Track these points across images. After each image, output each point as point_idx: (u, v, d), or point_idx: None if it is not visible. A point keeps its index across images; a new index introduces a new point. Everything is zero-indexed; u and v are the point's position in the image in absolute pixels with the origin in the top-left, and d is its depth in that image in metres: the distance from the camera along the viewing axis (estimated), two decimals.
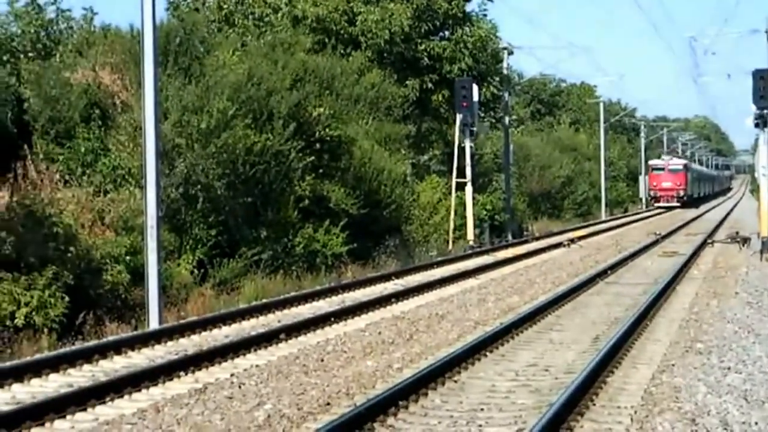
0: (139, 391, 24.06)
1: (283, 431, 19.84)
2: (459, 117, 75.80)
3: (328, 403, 21.94)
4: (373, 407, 20.77)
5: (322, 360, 27.90)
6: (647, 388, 23.98)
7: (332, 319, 35.61)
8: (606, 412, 21.72)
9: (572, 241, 76.05)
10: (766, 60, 57.48)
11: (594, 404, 22.03)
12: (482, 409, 21.80)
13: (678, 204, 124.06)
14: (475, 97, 74.94)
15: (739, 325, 34.89)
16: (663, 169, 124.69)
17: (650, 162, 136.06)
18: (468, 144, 76.39)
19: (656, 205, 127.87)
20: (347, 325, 34.53)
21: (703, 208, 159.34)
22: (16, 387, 24.66)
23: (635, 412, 21.55)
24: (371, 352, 28.74)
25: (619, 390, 23.79)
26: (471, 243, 72.62)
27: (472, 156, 77.17)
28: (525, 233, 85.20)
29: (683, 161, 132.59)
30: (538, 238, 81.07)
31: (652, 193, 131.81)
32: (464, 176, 75.77)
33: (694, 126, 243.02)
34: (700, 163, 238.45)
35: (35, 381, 25.32)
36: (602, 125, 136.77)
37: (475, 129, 77.74)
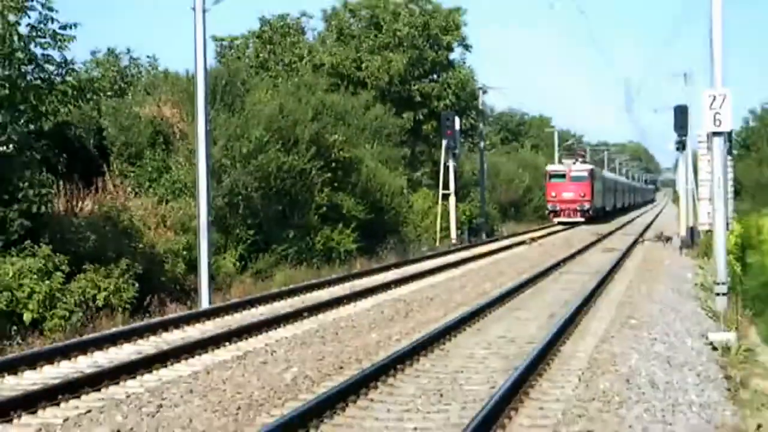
0: (193, 357, 24.52)
1: (306, 389, 20.17)
2: (444, 142, 77.28)
3: (341, 367, 22.36)
4: (376, 370, 21.19)
5: (337, 333, 28.22)
6: (592, 355, 24.41)
7: (345, 300, 35.86)
8: (560, 373, 22.14)
9: (533, 239, 75.81)
10: (685, 98, 57.64)
11: (550, 368, 22.46)
12: (462, 372, 22.28)
13: (582, 219, 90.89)
14: (457, 127, 77.52)
15: (663, 305, 35.28)
16: (564, 175, 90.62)
17: (548, 167, 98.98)
18: (451, 163, 77.74)
19: (556, 220, 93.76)
20: (356, 306, 34.74)
21: (633, 214, 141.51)
22: (98, 354, 25.05)
23: (582, 374, 22.01)
24: (375, 327, 29.05)
25: (570, 356, 24.22)
26: (454, 241, 73.34)
27: (455, 173, 77.97)
28: (495, 233, 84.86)
29: (589, 166, 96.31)
30: (506, 237, 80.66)
31: (550, 206, 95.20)
32: (448, 189, 77.07)
33: (628, 149, 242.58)
34: (633, 179, 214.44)
35: (112, 349, 25.68)
36: (556, 148, 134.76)
37: (457, 152, 79.20)
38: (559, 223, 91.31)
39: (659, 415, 18.29)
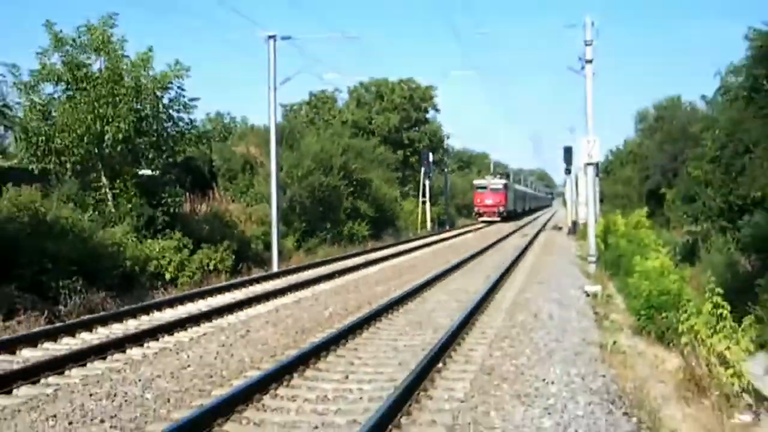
0: (268, 301, 24.36)
1: (338, 321, 20.22)
2: (423, 169, 77.92)
3: (359, 307, 22.38)
4: (381, 310, 21.32)
5: (356, 287, 28.17)
6: (513, 300, 24.46)
7: (361, 267, 35.55)
8: (493, 311, 22.18)
9: (478, 230, 76.01)
10: (571, 141, 57.83)
11: (487, 308, 22.49)
12: (434, 310, 22.29)
13: (499, 219, 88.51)
14: (431, 159, 77.82)
15: (557, 269, 35.32)
16: (486, 187, 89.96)
17: (474, 181, 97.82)
18: (427, 182, 77.53)
19: (480, 220, 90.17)
20: (368, 270, 34.58)
21: (538, 214, 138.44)
22: (210, 299, 24.96)
23: (506, 311, 22.06)
24: (380, 283, 29.04)
25: (498, 301, 24.24)
26: (429, 230, 72.93)
27: (429, 188, 77.87)
28: (454, 226, 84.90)
29: (504, 181, 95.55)
30: (460, 228, 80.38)
31: (476, 209, 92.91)
32: (425, 197, 76.88)
33: (536, 173, 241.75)
34: (538, 191, 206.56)
35: (219, 296, 25.56)
36: (491, 171, 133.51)
37: (431, 175, 79.60)
38: (482, 222, 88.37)
39: (554, 335, 18.41)
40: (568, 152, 54.79)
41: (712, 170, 45.81)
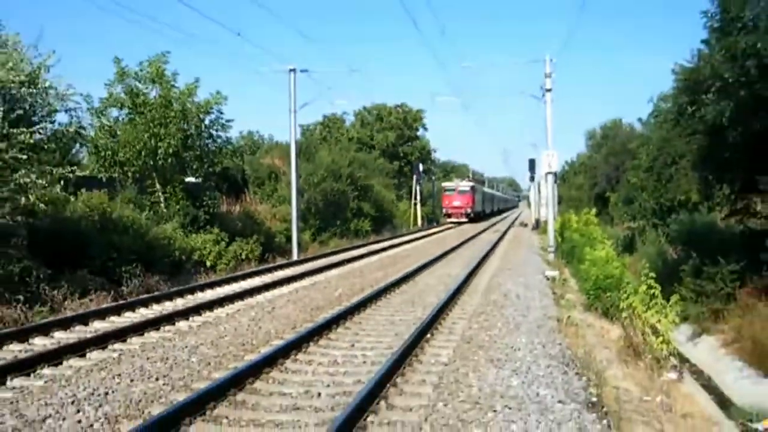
0: (289, 284, 24.13)
1: (346, 300, 20.10)
2: (415, 177, 77.70)
3: (363, 289, 22.21)
4: (380, 291, 21.20)
5: (360, 272, 28.05)
6: (487, 283, 24.30)
7: (364, 256, 35.34)
8: (471, 292, 22.06)
9: (458, 226, 75.74)
10: (534, 154, 58.01)
11: (467, 289, 22.33)
12: (423, 291, 22.14)
13: (466, 220, 77.04)
14: (421, 169, 77.19)
15: (523, 258, 35.16)
16: (454, 190, 78.60)
17: (443, 184, 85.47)
18: (418, 188, 77.40)
19: (448, 221, 78.69)
20: (370, 259, 34.36)
21: (507, 214, 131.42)
22: (242, 282, 24.73)
23: (482, 292, 21.96)
24: (379, 269, 28.89)
25: (476, 284, 24.02)
26: (419, 227, 72.51)
27: (420, 192, 77.89)
28: (439, 223, 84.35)
29: (471, 184, 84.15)
30: (445, 225, 79.97)
31: (444, 210, 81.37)
32: (417, 200, 76.84)
33: (507, 180, 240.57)
34: (507, 194, 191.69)
35: (249, 280, 25.24)
36: (470, 178, 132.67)
37: (421, 182, 79.45)
38: (450, 222, 76.26)
39: (521, 311, 18.37)
40: (532, 163, 54.76)
41: (646, 178, 46.39)
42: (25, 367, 12.12)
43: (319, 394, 10.81)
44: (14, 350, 13.87)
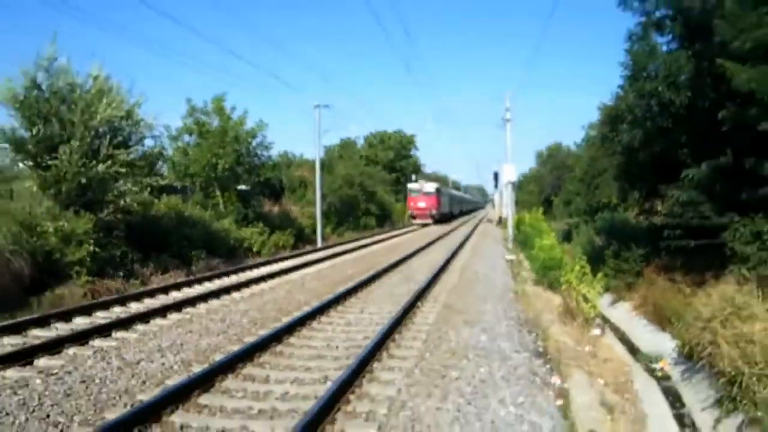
0: (315, 265, 23.96)
1: (357, 278, 19.91)
2: (409, 184, 76.45)
3: (369, 269, 22.00)
4: (382, 270, 21.10)
5: (368, 257, 27.95)
6: (462, 265, 24.19)
7: (371, 244, 35.15)
8: (450, 272, 21.94)
9: (444, 223, 75.17)
10: (497, 167, 58.11)
11: (446, 271, 22.20)
12: (415, 271, 21.99)
13: (431, 221, 63.28)
14: (413, 179, 75.62)
15: (489, 246, 35.07)
16: (419, 191, 64.32)
17: (408, 185, 68.77)
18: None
19: (413, 222, 64.45)
20: (375, 246, 34.23)
21: (475, 214, 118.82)
22: (281, 264, 24.65)
23: (459, 272, 21.91)
24: (383, 254, 28.79)
25: (454, 265, 23.90)
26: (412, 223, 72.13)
27: None
28: (404, 224, 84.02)
29: (436, 185, 68.62)
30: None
31: (410, 212, 66.11)
32: None
33: (477, 187, 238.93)
34: (475, 197, 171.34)
35: (284, 263, 25.11)
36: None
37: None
38: (415, 224, 61.57)
39: (488, 287, 18.39)
40: (496, 175, 54.31)
41: (580, 186, 46.86)
42: (125, 324, 12.28)
43: (337, 347, 10.87)
44: (117, 312, 14.00)
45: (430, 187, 63.37)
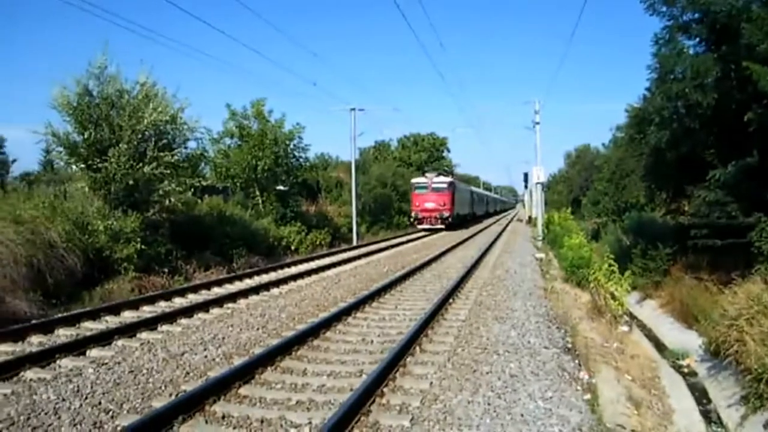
0: (351, 263, 24.09)
1: (391, 274, 20.03)
2: None
3: (403, 267, 22.08)
4: (416, 268, 21.08)
5: (401, 254, 28.01)
6: (493, 262, 24.06)
7: (404, 243, 35.15)
8: (482, 269, 21.82)
9: (475, 223, 74.39)
10: (527, 168, 57.85)
11: (478, 267, 22.07)
12: (447, 268, 21.99)
13: (442, 226, 44.88)
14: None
15: (519, 243, 34.82)
16: (426, 187, 45.42)
17: (412, 180, 49.28)
18: None
19: (420, 227, 45.06)
20: (408, 244, 34.21)
21: (505, 214, 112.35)
22: (318, 261, 24.76)
23: (490, 269, 21.80)
24: (415, 252, 28.84)
25: (485, 263, 23.76)
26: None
27: None
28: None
29: (449, 179, 48.57)
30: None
31: (414, 213, 45.87)
32: None
33: (508, 187, 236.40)
34: (506, 197, 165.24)
35: (321, 260, 25.23)
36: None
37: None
38: (422, 230, 44.92)
39: (517, 283, 18.27)
40: (526, 176, 53.80)
41: (607, 186, 46.39)
42: (170, 318, 12.47)
43: (372, 341, 10.90)
44: (162, 306, 14.21)
45: (442, 181, 47.31)
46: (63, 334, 11.36)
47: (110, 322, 12.48)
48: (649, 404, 9.57)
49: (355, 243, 36.49)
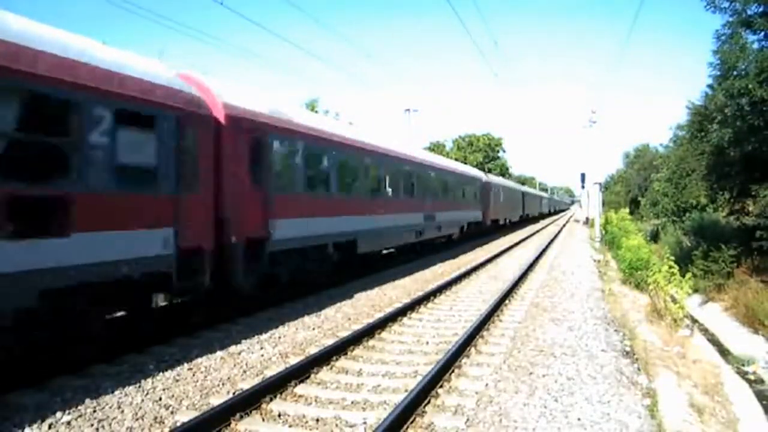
0: (403, 264, 24.10)
1: (447, 275, 19.92)
2: None
3: (459, 268, 21.92)
4: (471, 270, 20.88)
5: (456, 256, 28.01)
6: (550, 263, 23.81)
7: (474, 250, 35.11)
8: (539, 270, 21.67)
9: (530, 223, 73.66)
10: (584, 169, 56.82)
11: (535, 268, 21.91)
12: (503, 269, 21.81)
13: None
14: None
15: (576, 245, 34.31)
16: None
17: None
18: None
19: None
20: (464, 245, 34.23)
21: (563, 214, 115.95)
22: None
23: (546, 270, 21.55)
24: (470, 253, 28.64)
25: (542, 264, 23.56)
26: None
27: None
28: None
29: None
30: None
31: None
32: None
33: (564, 188, 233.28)
34: (563, 198, 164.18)
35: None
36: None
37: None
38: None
39: (575, 284, 17.96)
40: (583, 175, 53.03)
41: (667, 186, 45.44)
42: (229, 319, 12.53)
43: (427, 342, 10.83)
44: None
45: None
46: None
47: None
48: (712, 411, 9.21)
49: None
